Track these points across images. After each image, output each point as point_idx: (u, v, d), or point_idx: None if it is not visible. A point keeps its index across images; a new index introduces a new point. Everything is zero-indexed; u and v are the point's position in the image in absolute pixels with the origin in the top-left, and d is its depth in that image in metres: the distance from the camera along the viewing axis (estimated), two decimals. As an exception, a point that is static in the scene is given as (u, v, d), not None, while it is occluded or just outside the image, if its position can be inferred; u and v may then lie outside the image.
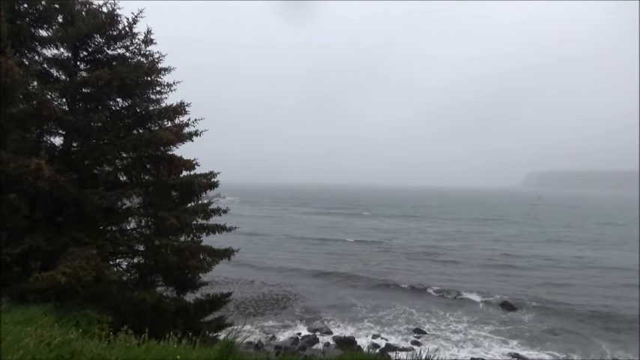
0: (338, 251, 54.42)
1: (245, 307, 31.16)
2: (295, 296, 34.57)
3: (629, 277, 42.16)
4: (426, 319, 30.06)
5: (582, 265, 48.18)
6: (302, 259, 49.23)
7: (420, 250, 55.72)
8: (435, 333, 27.75)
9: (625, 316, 30.55)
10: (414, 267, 46.02)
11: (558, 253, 55.31)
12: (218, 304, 14.67)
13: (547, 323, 29.31)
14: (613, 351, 25.05)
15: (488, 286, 37.81)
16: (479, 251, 56.52)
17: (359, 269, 44.31)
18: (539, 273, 44.01)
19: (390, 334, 27.03)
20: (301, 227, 79.94)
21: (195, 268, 13.23)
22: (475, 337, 27.07)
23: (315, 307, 31.79)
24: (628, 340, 26.44)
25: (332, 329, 27.46)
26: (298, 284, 37.96)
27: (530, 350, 25.26)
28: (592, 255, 54.82)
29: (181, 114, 13.51)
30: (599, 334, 27.46)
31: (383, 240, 64.95)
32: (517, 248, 59.62)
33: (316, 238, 65.97)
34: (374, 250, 55.34)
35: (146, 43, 13.65)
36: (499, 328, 28.48)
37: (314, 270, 43.63)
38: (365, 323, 28.76)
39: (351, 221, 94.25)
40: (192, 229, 13.75)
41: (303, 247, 57.36)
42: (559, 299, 34.50)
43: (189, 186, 13.10)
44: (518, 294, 35.65)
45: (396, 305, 32.66)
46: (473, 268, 45.98)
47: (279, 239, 63.82)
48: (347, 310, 31.50)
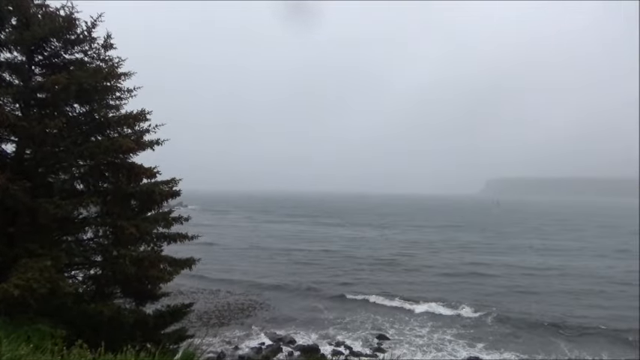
0: (303, 260, 54.28)
1: (208, 317, 30.64)
2: (260, 305, 34.26)
3: (587, 282, 43.82)
4: (389, 324, 30.39)
5: (543, 271, 49.65)
6: (267, 269, 48.87)
7: (384, 258, 56.19)
8: (399, 338, 28.09)
9: (583, 318, 31.80)
10: (378, 275, 46.40)
11: (519, 260, 56.92)
12: (179, 315, 14.36)
13: (509, 327, 30.11)
14: (571, 351, 26.08)
15: (451, 293, 38.55)
16: (442, 259, 57.60)
17: (324, 278, 44.36)
18: (500, 279, 45.13)
19: (355, 341, 27.17)
20: (266, 236, 79.30)
21: (155, 279, 12.93)
22: (439, 342, 27.56)
23: (280, 316, 31.61)
24: (586, 341, 27.53)
25: (296, 338, 27.33)
26: (263, 294, 37.63)
27: (494, 352, 25.99)
28: (552, 261, 56.69)
29: (142, 121, 13.23)
30: (559, 336, 28.41)
31: (348, 248, 65.20)
32: (479, 255, 61.07)
33: (281, 247, 65.51)
34: (339, 259, 55.38)
35: (106, 48, 13.32)
36: (462, 332, 29.09)
37: (279, 279, 43.38)
38: (329, 331, 28.79)
39: (317, 229, 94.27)
40: (152, 239, 13.43)
41: (268, 257, 56.91)
42: (520, 304, 35.59)
43: (150, 194, 12.83)
44: (480, 299, 36.53)
45: (361, 312, 32.86)
46: (436, 275, 46.74)
47: (243, 248, 63.16)
48: (311, 318, 31.45)
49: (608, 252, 65.21)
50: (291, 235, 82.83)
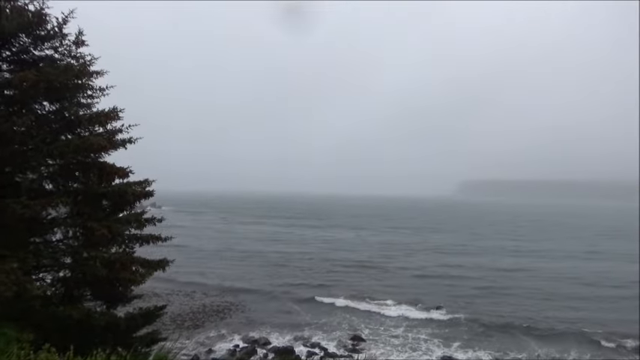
0: (278, 262, 54.02)
1: (182, 319, 30.27)
2: (235, 307, 34.01)
3: (557, 283, 44.91)
4: (365, 325, 30.59)
5: (515, 272, 50.71)
6: (242, 270, 48.56)
7: (360, 260, 56.42)
8: (374, 338, 28.33)
9: (553, 318, 32.63)
10: (353, 277, 46.59)
11: (492, 261, 58.04)
12: (152, 318, 14.11)
13: (482, 326, 30.73)
14: (541, 348, 26.79)
15: (426, 294, 39.03)
16: (416, 260, 58.29)
17: (299, 280, 44.32)
18: (473, 280, 45.89)
19: (330, 342, 27.25)
20: (241, 238, 78.69)
21: (127, 281, 12.66)
22: (414, 341, 27.95)
23: (255, 318, 31.44)
24: (555, 340, 28.28)
25: (271, 339, 27.24)
26: (237, 296, 37.35)
27: (469, 351, 26.61)
28: (524, 262, 57.94)
29: (114, 119, 12.95)
30: (530, 335, 29.15)
31: (324, 250, 65.31)
32: (452, 256, 61.99)
33: (256, 248, 65.13)
34: (314, 261, 55.36)
35: (77, 45, 12.99)
36: (437, 332, 29.58)
37: (254, 281, 43.16)
38: (304, 332, 28.77)
39: (293, 231, 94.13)
40: (124, 240, 13.16)
41: (243, 258, 56.53)
42: (493, 304, 36.37)
43: (122, 195, 12.57)
44: (454, 300, 37.18)
45: (336, 314, 32.97)
46: (411, 276, 47.21)
47: (218, 250, 62.49)
48: (286, 320, 31.38)
49: (577, 253, 67.08)
50: (267, 236, 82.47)
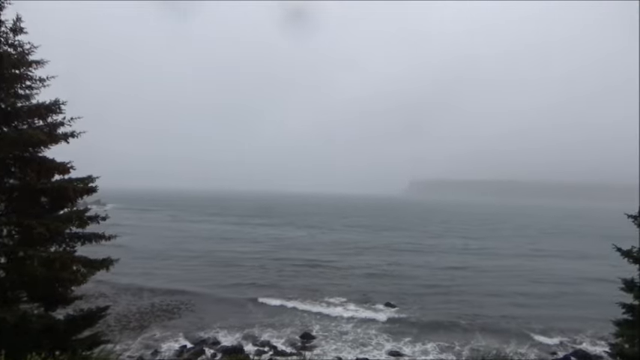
0: (228, 261, 53.25)
1: (128, 320, 29.31)
2: (183, 307, 33.28)
3: (503, 280, 46.81)
4: (315, 322, 30.73)
5: (462, 270, 52.32)
6: (191, 270, 47.57)
7: (310, 258, 56.61)
8: (324, 335, 28.55)
9: (495, 313, 33.98)
10: (304, 275, 46.70)
11: (440, 259, 59.75)
12: (94, 320, 13.57)
13: (430, 321, 31.58)
14: (484, 341, 27.88)
15: (376, 291, 39.66)
16: (366, 258, 59.17)
17: (249, 279, 43.91)
18: (422, 278, 47.02)
19: (279, 340, 27.16)
20: (190, 236, 77.03)
21: (67, 281, 12.12)
22: (364, 336, 28.42)
23: (204, 318, 30.87)
24: (498, 333, 29.38)
25: (220, 339, 26.85)
26: (186, 295, 36.50)
27: (417, 344, 27.33)
28: (472, 260, 60.05)
29: (55, 112, 12.36)
30: (476, 329, 30.15)
31: (275, 249, 65.08)
32: (402, 255, 63.36)
33: (206, 247, 64.04)
34: (265, 260, 54.95)
35: (15, 32, 12.30)
36: (387, 328, 30.20)
37: (203, 280, 42.39)
38: (254, 331, 28.53)
39: (244, 229, 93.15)
40: (64, 239, 12.58)
41: (192, 257, 55.35)
42: (441, 301, 37.45)
43: (63, 191, 12.00)
44: (404, 296, 38.04)
45: (286, 312, 32.94)
46: (361, 274, 47.75)
47: (166, 249, 60.80)
48: (236, 319, 31.00)
49: (523, 251, 70.25)
50: (217, 234, 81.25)
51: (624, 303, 13.09)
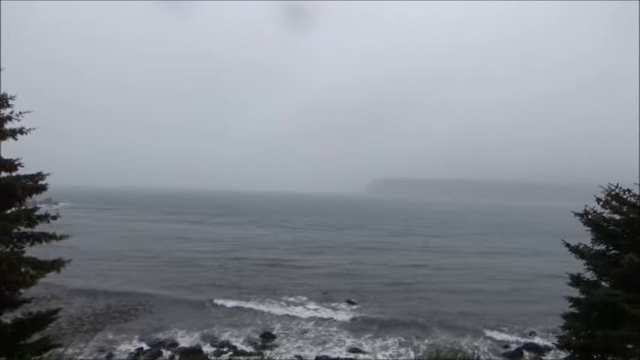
0: (186, 261, 52.25)
1: (82, 323, 28.34)
2: (140, 308, 32.44)
3: (461, 278, 48.01)
4: (276, 322, 30.65)
5: (422, 268, 53.42)
6: (148, 270, 46.46)
7: (271, 258, 56.33)
8: (285, 332, 28.58)
9: (453, 309, 34.83)
10: (265, 274, 46.47)
11: (400, 257, 60.72)
12: (44, 323, 13.03)
13: (390, 318, 32.07)
14: (442, 336, 28.64)
15: (337, 290, 39.89)
16: (328, 257, 59.53)
17: (208, 279, 43.29)
18: (383, 276, 47.61)
19: (239, 340, 26.95)
20: (147, 236, 75.12)
21: (14, 283, 11.58)
22: (325, 334, 28.61)
23: (161, 319, 30.18)
24: (455, 329, 30.17)
25: (178, 340, 26.37)
26: (143, 296, 35.59)
27: (378, 340, 27.79)
28: (431, 258, 61.41)
29: (1, 107, 11.81)
30: (434, 325, 30.91)
31: (235, 248, 64.41)
32: (362, 254, 64.05)
33: (163, 248, 62.55)
34: (225, 260, 54.22)
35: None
36: (347, 325, 30.55)
37: (161, 281, 41.54)
38: (213, 332, 28.18)
39: (203, 229, 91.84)
40: (12, 239, 12.03)
41: (149, 258, 54.08)
42: (401, 298, 38.09)
43: (9, 189, 11.48)
44: (364, 294, 38.50)
45: (246, 312, 32.66)
46: (321, 273, 47.90)
47: (121, 250, 59.07)
48: (195, 320, 30.50)
49: (480, 249, 72.43)
50: (176, 234, 79.59)
51: (571, 297, 13.67)
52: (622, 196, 13.38)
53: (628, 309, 11.42)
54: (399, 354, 25.73)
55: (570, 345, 13.21)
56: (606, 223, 13.30)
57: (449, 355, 8.43)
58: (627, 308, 11.43)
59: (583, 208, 13.59)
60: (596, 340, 12.43)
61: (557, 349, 14.87)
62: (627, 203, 13.29)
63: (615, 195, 13.39)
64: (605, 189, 13.46)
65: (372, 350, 26.38)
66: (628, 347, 12.67)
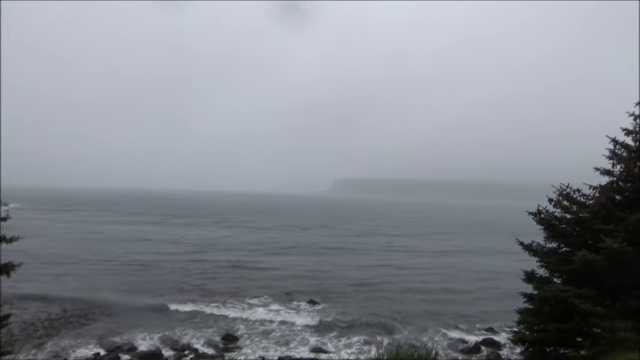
0: (146, 264, 50.88)
1: (35, 328, 27.27)
2: (99, 311, 31.50)
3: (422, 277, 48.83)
4: (238, 323, 30.32)
5: (385, 268, 53.94)
6: (105, 273, 45.02)
7: (234, 259, 55.62)
8: (248, 334, 28.35)
9: (415, 308, 35.47)
10: (227, 276, 45.78)
11: (363, 258, 61.13)
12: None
13: (353, 316, 32.24)
14: (405, 332, 29.32)
15: (300, 291, 39.79)
16: (292, 258, 59.44)
17: (169, 282, 42.32)
18: (346, 275, 47.99)
19: (201, 342, 26.55)
20: (105, 239, 72.65)
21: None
22: (288, 334, 28.52)
23: (120, 323, 29.36)
24: (418, 327, 30.68)
25: (137, 344, 25.70)
26: (100, 300, 34.42)
27: (343, 338, 27.97)
28: (394, 258, 62.16)
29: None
30: (397, 322, 31.38)
31: (197, 250, 63.24)
32: (324, 255, 64.23)
33: (122, 250, 60.58)
34: (186, 261, 53.27)
35: None
36: (311, 324, 30.47)
37: (119, 283, 40.43)
38: (174, 335, 27.61)
39: (163, 230, 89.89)
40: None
41: (107, 260, 52.41)
42: (364, 296, 38.57)
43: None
44: (328, 294, 38.60)
45: (208, 314, 32.12)
46: (285, 275, 47.50)
47: (79, 252, 56.99)
48: (154, 323, 29.77)
49: (443, 248, 73.95)
50: (135, 236, 77.48)
51: (525, 293, 14.20)
52: (572, 195, 14.00)
53: (578, 304, 11.96)
54: (362, 352, 25.99)
55: (524, 339, 13.71)
56: (558, 222, 13.88)
57: (408, 352, 8.57)
58: (577, 303, 11.97)
59: (536, 208, 14.14)
60: (549, 334, 12.96)
61: (512, 343, 15.38)
62: (577, 203, 13.92)
63: (566, 195, 13.99)
64: (557, 189, 14.04)
65: (336, 349, 26.52)
66: (578, 340, 13.26)
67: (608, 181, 13.64)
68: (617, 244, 11.66)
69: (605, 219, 12.85)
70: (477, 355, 26.31)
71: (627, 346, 11.14)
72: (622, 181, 13.43)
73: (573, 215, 13.67)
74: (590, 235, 13.15)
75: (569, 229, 13.74)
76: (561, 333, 12.77)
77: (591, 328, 12.43)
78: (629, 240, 11.96)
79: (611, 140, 13.58)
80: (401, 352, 8.54)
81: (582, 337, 13.03)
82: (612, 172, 13.54)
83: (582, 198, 13.99)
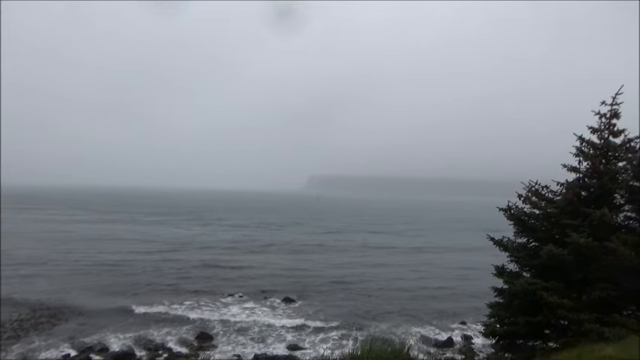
0: (118, 262, 49.83)
1: (3, 330, 26.48)
2: (70, 311, 30.79)
3: (391, 272, 49.51)
4: (213, 321, 30.08)
5: (358, 265, 54.49)
6: (75, 273, 43.92)
7: (209, 257, 55.12)
8: (223, 332, 28.19)
9: (390, 304, 35.93)
10: (201, 274, 45.25)
11: (335, 256, 61.29)
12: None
13: (328, 313, 32.46)
14: (384, 327, 29.58)
15: (275, 290, 39.67)
16: (268, 256, 59.28)
17: (142, 280, 41.63)
18: (321, 272, 48.19)
19: (175, 342, 26.27)
20: (76, 239, 70.83)
21: None
22: (263, 333, 28.44)
23: (91, 323, 28.76)
24: (392, 319, 31.18)
25: (109, 345, 25.24)
26: (72, 300, 33.61)
27: (316, 335, 28.13)
28: (368, 255, 62.64)
29: None
30: (371, 318, 31.79)
31: (170, 248, 62.33)
32: (302, 250, 64.29)
33: (93, 249, 59.20)
34: (159, 260, 52.43)
35: None
36: (285, 322, 30.46)
37: (90, 283, 39.56)
38: (147, 334, 27.21)
39: (136, 228, 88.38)
40: None
41: (77, 260, 51.16)
42: (339, 294, 38.78)
43: None
44: (302, 291, 38.72)
45: (183, 313, 31.79)
46: (259, 274, 47.12)
47: (46, 252, 55.40)
48: (127, 323, 29.30)
49: (419, 245, 74.79)
50: (107, 235, 75.92)
51: (496, 287, 14.52)
52: (541, 192, 14.37)
53: (546, 296, 12.29)
54: (338, 347, 26.14)
55: (495, 332, 14.02)
56: (527, 218, 14.23)
57: (382, 347, 8.68)
58: (545, 296, 12.30)
59: (507, 204, 14.47)
60: (518, 327, 13.29)
61: (484, 336, 15.70)
62: (545, 199, 14.29)
63: (535, 191, 14.36)
64: (526, 185, 14.40)
65: (312, 345, 26.63)
66: (546, 332, 13.64)
67: (575, 177, 14.05)
68: (583, 239, 12.03)
69: (571, 214, 13.24)
70: (449, 349, 26.80)
71: (592, 337, 11.53)
72: (588, 177, 13.85)
73: (542, 211, 14.03)
74: (557, 230, 13.53)
75: (537, 225, 14.10)
76: (530, 326, 13.11)
77: (559, 321, 12.82)
78: (594, 235, 12.37)
79: (578, 138, 14.00)
80: (375, 346, 8.64)
81: (549, 330, 13.43)
82: (579, 169, 13.94)
83: (550, 194, 14.38)
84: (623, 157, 13.79)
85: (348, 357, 8.11)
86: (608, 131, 13.79)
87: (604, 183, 13.31)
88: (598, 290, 12.32)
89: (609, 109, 13.66)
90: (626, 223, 13.92)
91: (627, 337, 10.90)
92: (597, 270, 12.67)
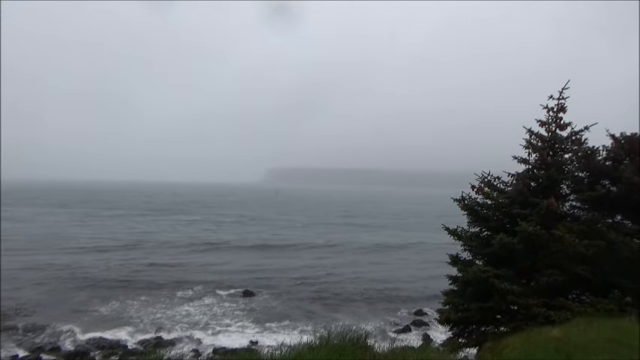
0: (71, 258, 48.10)
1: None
2: (18, 311, 29.39)
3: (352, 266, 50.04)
4: (170, 317, 29.57)
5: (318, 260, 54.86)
6: (23, 270, 41.91)
7: (163, 255, 53.42)
8: (180, 326, 27.86)
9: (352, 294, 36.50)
10: (156, 272, 43.77)
11: (301, 249, 61.68)
12: None
13: (288, 306, 32.69)
14: (344, 319, 29.72)
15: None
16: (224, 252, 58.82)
17: (97, 276, 40.34)
18: (282, 266, 48.05)
19: (131, 338, 25.68)
20: (21, 233, 67.71)
21: None
22: (222, 328, 28.26)
23: (41, 322, 27.55)
24: (341, 312, 31.82)
25: (61, 344, 24.38)
26: (20, 299, 32.05)
27: (277, 327, 28.38)
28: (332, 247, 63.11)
29: None
30: (333, 310, 32.31)
31: (126, 244, 60.45)
32: (263, 244, 64.05)
33: (42, 246, 56.69)
34: (112, 257, 50.57)
35: None
36: (245, 315, 30.54)
37: (39, 280, 37.88)
38: (102, 332, 26.38)
39: (89, 222, 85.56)
40: None
41: (24, 253, 48.97)
42: (296, 283, 39.32)
43: None
44: (258, 282, 38.79)
45: (139, 310, 31.01)
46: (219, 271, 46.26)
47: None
48: (82, 320, 28.28)
49: (381, 239, 75.64)
50: (60, 228, 73.06)
51: (450, 275, 14.94)
52: (493, 182, 14.86)
53: (497, 284, 12.75)
54: (297, 338, 26.25)
55: (450, 319, 14.44)
56: (480, 208, 14.68)
57: (339, 336, 8.77)
58: (496, 283, 12.76)
59: (460, 195, 14.87)
60: (471, 313, 13.74)
61: (439, 323, 16.14)
62: (497, 189, 14.79)
63: (487, 182, 14.82)
64: (479, 176, 14.84)
65: (271, 338, 26.61)
66: (497, 317, 14.17)
67: (525, 169, 14.60)
68: (532, 228, 12.54)
69: (521, 204, 13.76)
70: (406, 334, 27.60)
71: (540, 320, 12.08)
72: (536, 169, 14.41)
73: (493, 201, 14.50)
74: (508, 219, 14.03)
75: (489, 214, 14.57)
76: (483, 311, 13.59)
77: (509, 306, 13.34)
78: (542, 224, 12.91)
79: (528, 131, 14.53)
80: (332, 336, 8.72)
81: (501, 315, 13.95)
82: (528, 160, 14.48)
83: (502, 185, 14.89)
84: (570, 149, 14.44)
85: (307, 347, 8.15)
86: (556, 124, 14.37)
87: (551, 174, 13.88)
88: (545, 276, 12.88)
89: (556, 103, 14.24)
90: (571, 211, 14.66)
91: (572, 320, 11.47)
92: (545, 257, 13.23)
